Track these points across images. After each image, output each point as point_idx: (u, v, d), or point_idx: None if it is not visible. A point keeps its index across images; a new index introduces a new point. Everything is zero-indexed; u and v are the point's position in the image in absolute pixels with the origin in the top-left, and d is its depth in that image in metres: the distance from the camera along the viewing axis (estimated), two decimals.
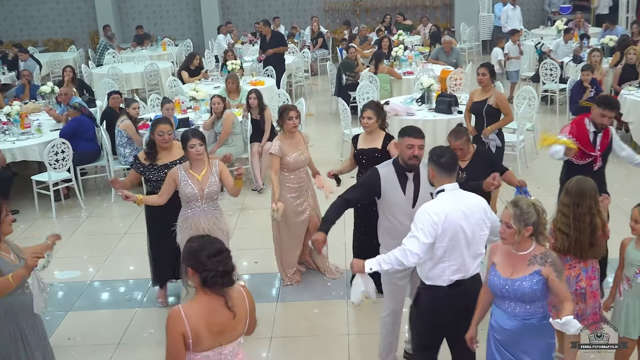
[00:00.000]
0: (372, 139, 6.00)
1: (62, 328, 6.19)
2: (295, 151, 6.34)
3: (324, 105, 14.01)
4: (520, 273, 3.79)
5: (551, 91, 12.73)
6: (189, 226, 5.48)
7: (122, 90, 12.91)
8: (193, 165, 5.44)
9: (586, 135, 5.84)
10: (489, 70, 7.82)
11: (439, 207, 4.04)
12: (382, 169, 4.73)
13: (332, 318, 6.10)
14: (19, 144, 9.22)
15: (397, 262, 4.03)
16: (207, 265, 3.22)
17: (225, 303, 3.24)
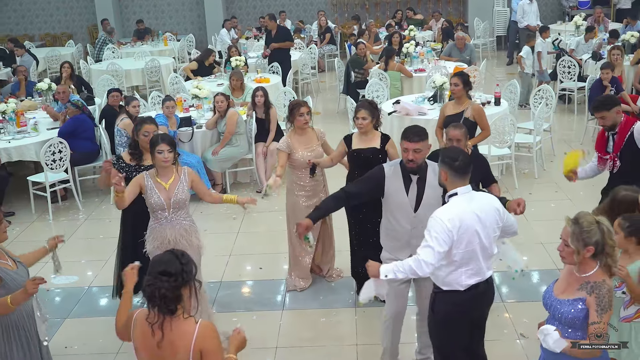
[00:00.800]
0: (368, 139, 5.85)
1: (59, 336, 6.00)
2: (305, 149, 6.12)
3: (332, 104, 13.71)
4: (568, 295, 3.52)
5: (569, 90, 12.41)
6: (155, 237, 5.19)
7: (121, 87, 12.67)
8: (160, 172, 5.11)
9: (603, 139, 5.76)
10: (462, 80, 6.99)
11: (453, 213, 3.92)
12: (388, 167, 4.69)
13: (340, 327, 5.94)
14: (14, 143, 9.01)
15: (412, 272, 3.93)
16: (147, 281, 3.17)
17: (147, 319, 3.19)
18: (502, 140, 8.68)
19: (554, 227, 7.41)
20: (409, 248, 4.63)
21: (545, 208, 8.11)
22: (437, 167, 4.55)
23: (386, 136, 5.89)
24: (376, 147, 5.80)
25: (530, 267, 6.72)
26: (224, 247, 7.45)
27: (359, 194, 4.80)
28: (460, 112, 6.97)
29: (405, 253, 4.63)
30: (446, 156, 4.05)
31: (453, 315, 4.14)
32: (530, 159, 9.27)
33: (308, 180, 6.20)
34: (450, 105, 7.26)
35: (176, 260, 3.21)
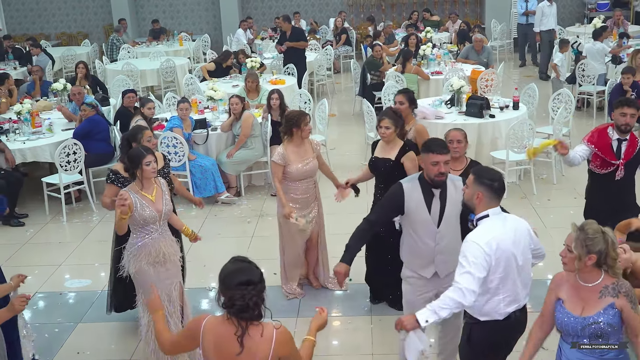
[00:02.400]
0: (389, 148, 5.72)
1: (71, 341, 5.95)
2: (300, 161, 5.99)
3: (347, 105, 13.61)
4: (593, 309, 3.41)
5: (588, 94, 12.23)
6: (148, 253, 5.00)
7: (136, 88, 12.64)
8: (145, 185, 4.97)
9: (607, 143, 5.62)
10: (407, 98, 6.48)
11: (489, 236, 3.75)
12: (407, 184, 4.51)
13: (356, 336, 5.85)
14: (29, 144, 9.01)
15: (456, 305, 3.71)
16: (232, 293, 3.12)
17: (236, 334, 3.12)
18: (520, 145, 8.55)
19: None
20: (433, 265, 4.52)
21: (564, 215, 7.97)
22: (458, 182, 4.47)
23: (406, 148, 5.71)
24: (391, 158, 5.66)
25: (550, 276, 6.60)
26: (238, 251, 7.31)
27: (381, 220, 4.65)
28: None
29: (430, 270, 4.53)
30: (485, 177, 3.87)
31: (491, 345, 3.99)
32: (548, 164, 9.13)
33: (300, 192, 6.07)
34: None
35: (251, 265, 3.23)
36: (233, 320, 3.13)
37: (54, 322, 6.15)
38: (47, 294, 6.77)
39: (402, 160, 5.63)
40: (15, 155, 8.76)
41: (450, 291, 3.71)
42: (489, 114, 9.13)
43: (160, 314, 3.61)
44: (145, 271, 4.99)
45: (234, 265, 3.21)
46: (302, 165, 5.98)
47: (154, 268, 5.01)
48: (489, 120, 9.05)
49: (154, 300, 3.67)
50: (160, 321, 3.57)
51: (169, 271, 5.08)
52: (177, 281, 5.20)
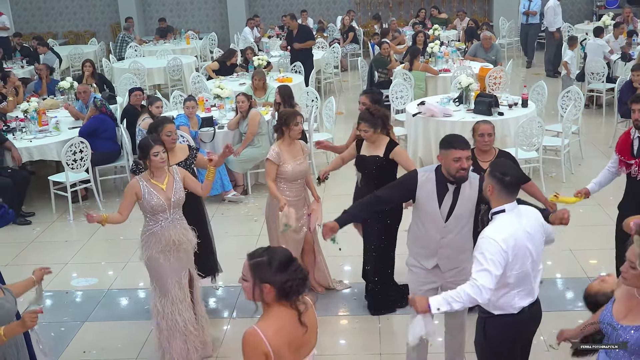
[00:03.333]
0: (375, 146, 5.68)
1: (77, 340, 5.93)
2: (294, 160, 5.90)
3: (354, 103, 13.47)
4: (633, 320, 3.27)
5: (597, 91, 12.13)
6: (157, 241, 5.10)
7: (143, 86, 12.65)
8: (155, 174, 5.06)
9: (628, 142, 5.50)
10: (370, 99, 6.42)
11: (506, 233, 3.68)
12: (423, 173, 4.49)
13: (363, 335, 5.80)
14: (36, 143, 9.02)
15: (470, 300, 3.65)
16: (286, 276, 3.04)
17: (299, 317, 3.08)
18: (529, 143, 8.48)
19: (583, 234, 7.27)
20: (436, 257, 4.50)
21: (574, 213, 7.73)
22: (474, 180, 4.40)
23: (393, 143, 5.67)
24: (379, 155, 5.62)
25: (559, 275, 6.56)
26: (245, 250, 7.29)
27: (390, 200, 4.65)
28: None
29: (432, 262, 4.52)
30: (496, 170, 3.81)
31: (506, 339, 3.94)
32: (557, 162, 9.05)
33: (293, 194, 5.95)
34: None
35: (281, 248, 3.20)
36: (287, 305, 3.07)
37: (60, 320, 6.13)
38: (54, 292, 6.75)
39: (391, 156, 5.59)
40: (22, 153, 8.76)
41: (467, 286, 3.65)
42: (498, 112, 9.06)
43: None
44: (156, 259, 5.10)
45: (266, 255, 3.10)
46: (297, 165, 5.89)
47: (164, 256, 5.10)
48: (498, 118, 8.95)
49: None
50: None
51: (180, 260, 5.18)
52: (187, 268, 5.29)
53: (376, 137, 5.63)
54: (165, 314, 5.19)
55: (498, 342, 3.97)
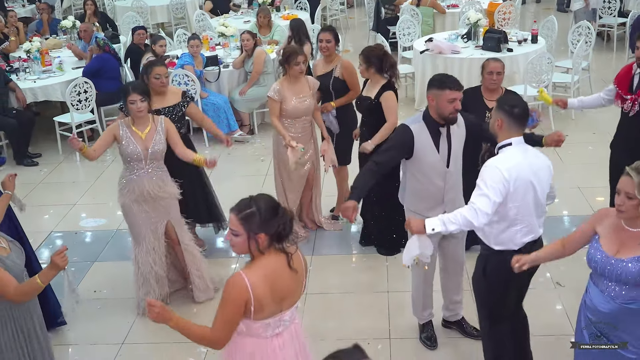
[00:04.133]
0: (371, 86, 5.62)
1: (87, 280, 5.98)
2: (296, 98, 5.82)
3: (361, 41, 13.33)
4: (629, 253, 3.26)
5: (608, 26, 11.89)
6: (131, 190, 5.03)
7: (146, 25, 12.46)
8: (136, 121, 4.92)
9: (628, 77, 5.41)
10: (333, 36, 6.23)
11: (510, 163, 3.69)
12: (414, 125, 4.34)
13: (370, 273, 5.84)
14: (40, 83, 8.97)
15: (466, 223, 3.67)
16: (278, 220, 3.00)
17: (288, 263, 3.04)
18: (538, 80, 8.36)
19: (591, 171, 7.24)
20: (442, 205, 4.42)
21: (583, 151, 7.86)
22: (459, 116, 4.35)
23: (385, 87, 5.52)
24: (371, 97, 5.54)
25: (567, 212, 6.55)
26: (252, 190, 7.27)
27: (389, 162, 4.47)
28: (330, 70, 6.21)
29: (439, 211, 4.36)
30: (505, 103, 3.80)
31: (507, 276, 3.89)
32: (583, 108, 8.91)
33: (296, 131, 5.92)
34: (320, 63, 6.39)
35: (262, 195, 3.10)
36: (277, 249, 3.03)
37: (70, 261, 6.11)
38: (63, 233, 6.80)
39: (380, 99, 5.49)
40: (26, 94, 8.71)
41: (464, 209, 3.67)
42: (507, 48, 8.95)
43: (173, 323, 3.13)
44: (129, 207, 5.06)
45: (256, 205, 3.00)
46: (298, 102, 5.82)
47: (138, 205, 5.04)
48: (507, 54, 8.86)
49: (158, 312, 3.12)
50: (186, 326, 3.12)
51: (156, 210, 5.10)
52: (167, 219, 5.20)
53: (370, 75, 5.56)
54: (138, 261, 5.19)
55: (495, 278, 3.97)
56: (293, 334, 3.23)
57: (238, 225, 2.98)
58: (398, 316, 5.19)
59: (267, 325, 3.07)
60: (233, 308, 2.97)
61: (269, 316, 3.06)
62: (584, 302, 3.52)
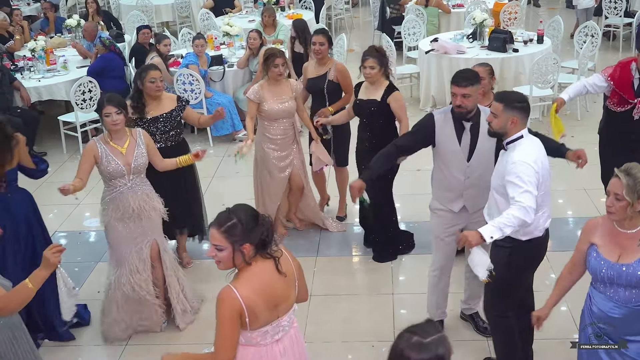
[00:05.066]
0: (373, 89, 5.52)
1: (91, 279, 5.98)
2: (276, 100, 5.79)
3: (366, 41, 13.28)
4: (631, 256, 3.27)
5: (614, 26, 11.84)
6: (115, 207, 4.78)
7: (151, 23, 12.43)
8: (113, 136, 4.67)
9: (628, 80, 5.38)
10: (326, 38, 6.18)
11: (534, 155, 3.83)
12: (438, 115, 4.44)
13: (375, 275, 5.82)
14: (44, 82, 8.96)
15: (519, 223, 3.69)
16: (260, 227, 2.96)
17: (276, 267, 3.00)
18: (544, 80, 8.33)
19: (596, 172, 7.17)
20: (462, 199, 4.46)
21: (588, 152, 7.63)
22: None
23: (391, 88, 5.51)
24: (377, 99, 5.49)
25: (572, 214, 6.51)
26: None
27: (410, 147, 4.56)
28: (324, 73, 6.20)
29: (459, 204, 4.49)
30: (515, 100, 3.88)
31: (531, 263, 4.09)
32: (573, 100, 8.88)
33: (277, 133, 5.91)
34: (312, 65, 6.36)
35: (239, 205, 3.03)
36: (263, 257, 2.98)
37: (74, 261, 6.17)
38: (67, 232, 6.80)
39: (388, 100, 5.45)
40: (31, 93, 8.70)
41: (514, 209, 3.68)
42: (513, 48, 8.93)
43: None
44: (114, 227, 4.81)
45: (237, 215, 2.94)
46: (278, 104, 5.79)
47: (123, 224, 4.80)
48: (512, 54, 8.85)
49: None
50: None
51: (141, 228, 4.86)
52: (152, 239, 4.96)
53: (378, 77, 5.48)
54: (120, 284, 4.90)
55: (522, 267, 4.08)
56: (293, 339, 3.19)
57: (221, 239, 2.91)
58: (402, 318, 5.16)
59: (265, 333, 3.04)
60: (230, 324, 2.91)
61: (266, 324, 3.02)
62: (590, 312, 3.49)
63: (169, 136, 5.45)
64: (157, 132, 5.37)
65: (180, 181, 5.57)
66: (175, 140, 5.51)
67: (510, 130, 3.87)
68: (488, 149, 4.35)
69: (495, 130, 3.92)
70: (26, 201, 4.96)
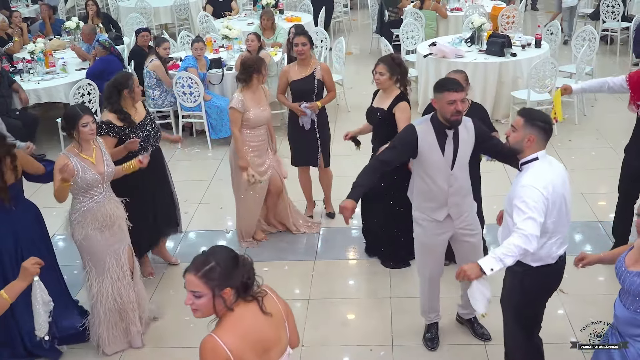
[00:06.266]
0: (385, 97, 5.53)
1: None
2: (257, 107, 5.88)
3: (364, 44, 13.36)
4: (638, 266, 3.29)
5: (612, 30, 11.89)
6: (93, 218, 4.71)
7: (150, 26, 12.45)
8: (83, 147, 4.61)
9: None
10: (308, 39, 6.29)
11: (546, 180, 3.67)
12: (419, 126, 4.34)
13: (373, 279, 5.82)
14: (43, 84, 8.97)
15: (520, 252, 3.56)
16: (241, 270, 2.77)
17: (260, 308, 2.80)
18: (542, 84, 8.35)
19: (595, 177, 7.23)
20: (446, 208, 4.43)
21: (586, 156, 7.86)
22: (468, 123, 4.34)
23: (400, 98, 5.49)
24: (384, 108, 5.50)
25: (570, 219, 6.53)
26: None
27: (393, 161, 4.46)
28: (310, 74, 6.28)
29: (442, 213, 4.44)
30: (538, 119, 3.74)
31: (545, 291, 3.97)
32: (570, 104, 8.92)
33: (257, 140, 5.98)
34: (295, 67, 6.39)
35: (217, 247, 2.88)
36: (245, 301, 2.79)
37: (73, 264, 6.16)
38: (66, 235, 6.76)
39: (394, 110, 5.45)
40: (30, 95, 8.71)
41: (514, 238, 3.57)
42: (511, 53, 8.96)
43: None
44: (93, 237, 4.75)
45: (215, 258, 2.76)
46: (260, 111, 5.88)
47: (101, 233, 4.77)
48: (510, 59, 8.88)
49: None
50: None
51: (116, 235, 4.85)
52: (125, 244, 4.96)
53: (389, 85, 5.47)
54: (102, 295, 4.85)
55: (536, 294, 3.97)
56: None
57: (199, 284, 2.71)
58: (401, 322, 5.18)
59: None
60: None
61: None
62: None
63: (158, 137, 5.55)
64: (151, 135, 5.42)
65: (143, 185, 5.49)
66: (159, 140, 5.62)
67: (526, 149, 3.76)
68: (467, 157, 4.36)
69: (512, 144, 3.82)
70: (31, 214, 4.98)
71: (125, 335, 5.04)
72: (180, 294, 5.62)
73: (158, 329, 5.29)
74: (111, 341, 4.99)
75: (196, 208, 7.11)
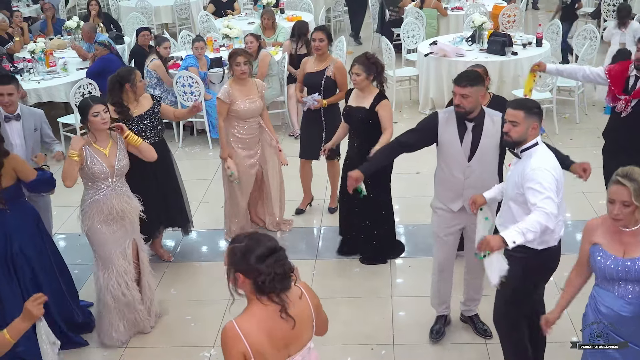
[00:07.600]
0: (363, 97, 5.54)
1: (91, 281, 5.79)
2: (246, 99, 5.90)
3: (365, 43, 13.34)
4: (636, 251, 3.31)
5: None
6: (99, 210, 4.77)
7: (150, 25, 12.44)
8: (98, 138, 4.69)
9: (623, 75, 5.40)
10: (326, 35, 6.36)
11: (552, 162, 3.83)
12: (442, 114, 4.47)
13: (374, 278, 5.81)
14: (44, 84, 8.98)
15: (542, 228, 3.62)
16: (260, 269, 2.71)
17: (281, 312, 2.75)
18: (543, 83, 8.35)
19: (596, 176, 7.17)
20: (461, 199, 4.47)
21: (587, 155, 7.69)
22: (496, 117, 4.36)
23: (381, 96, 5.51)
24: (365, 107, 5.50)
25: (570, 217, 6.53)
26: None
27: (412, 144, 4.56)
28: (323, 69, 6.38)
29: (458, 204, 4.51)
30: (533, 106, 3.87)
31: (544, 272, 4.08)
32: (571, 103, 8.92)
33: (245, 132, 6.02)
34: (311, 61, 6.56)
35: (264, 235, 2.85)
36: (267, 302, 2.76)
37: (73, 263, 6.16)
38: (66, 235, 6.80)
39: (377, 108, 5.46)
40: (30, 95, 8.70)
41: (537, 215, 3.62)
42: (512, 52, 8.95)
43: None
44: (98, 230, 4.80)
45: (246, 242, 2.78)
46: (248, 103, 5.90)
47: (107, 226, 4.81)
48: (511, 57, 8.88)
49: None
50: None
51: (124, 228, 4.89)
52: (132, 238, 5.00)
53: (366, 84, 5.49)
54: (110, 287, 4.90)
55: (537, 277, 4.08)
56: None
57: (225, 255, 2.81)
58: (402, 321, 5.18)
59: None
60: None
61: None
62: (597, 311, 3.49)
63: (157, 131, 5.66)
64: (147, 129, 5.53)
65: (150, 176, 5.62)
66: (161, 135, 5.74)
67: (529, 137, 3.84)
68: (490, 151, 4.38)
69: (515, 139, 3.85)
70: (29, 217, 4.94)
71: (132, 326, 5.10)
72: (182, 293, 5.69)
73: (159, 327, 5.30)
74: (116, 332, 5.03)
75: (197, 207, 7.10)
